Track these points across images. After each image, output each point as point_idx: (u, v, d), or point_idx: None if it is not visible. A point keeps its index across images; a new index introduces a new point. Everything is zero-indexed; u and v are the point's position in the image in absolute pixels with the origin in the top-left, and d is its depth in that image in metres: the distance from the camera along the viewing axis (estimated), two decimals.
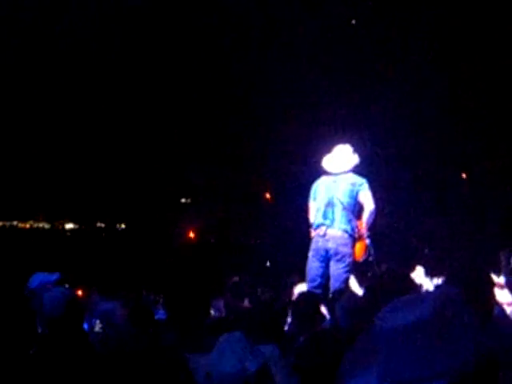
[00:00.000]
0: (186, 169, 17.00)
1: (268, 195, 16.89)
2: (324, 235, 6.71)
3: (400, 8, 11.57)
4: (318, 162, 7.18)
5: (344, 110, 12.96)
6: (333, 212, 6.72)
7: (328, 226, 6.69)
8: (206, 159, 16.11)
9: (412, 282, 2.87)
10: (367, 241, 6.81)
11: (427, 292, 1.74)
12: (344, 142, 7.31)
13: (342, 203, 6.67)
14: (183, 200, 20.94)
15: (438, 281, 7.21)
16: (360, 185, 6.78)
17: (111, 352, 3.67)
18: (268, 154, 15.14)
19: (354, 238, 6.72)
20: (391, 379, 1.64)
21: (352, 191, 6.73)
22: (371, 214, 6.78)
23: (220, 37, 12.47)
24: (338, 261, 6.66)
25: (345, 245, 6.67)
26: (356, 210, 6.80)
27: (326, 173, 7.03)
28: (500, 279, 8.72)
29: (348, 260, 6.66)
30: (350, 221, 6.67)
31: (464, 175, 14.53)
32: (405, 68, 11.98)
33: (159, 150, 16.40)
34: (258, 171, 15.84)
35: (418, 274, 7.37)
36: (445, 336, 1.58)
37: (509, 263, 8.69)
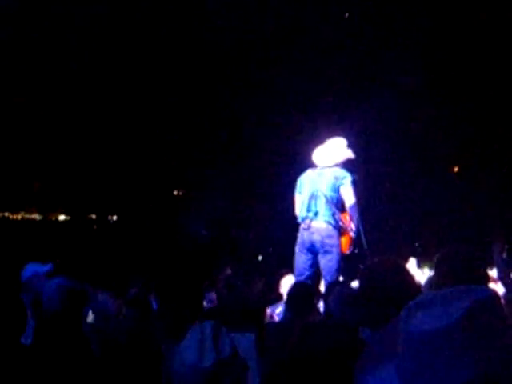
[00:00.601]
0: (181, 162, 16.99)
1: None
2: (308, 228, 6.79)
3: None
4: (309, 155, 7.23)
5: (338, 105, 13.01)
6: (316, 205, 6.81)
7: (312, 219, 6.78)
8: (203, 152, 16.07)
9: (408, 272, 2.87)
10: (352, 234, 6.87)
11: (457, 290, 1.65)
12: (339, 135, 7.36)
13: (325, 196, 6.77)
14: (175, 192, 20.91)
15: (430, 273, 7.27)
16: (342, 178, 6.85)
17: (103, 344, 3.66)
18: (261, 147, 15.14)
19: (339, 229, 6.78)
20: None
21: (334, 185, 6.82)
22: (351, 208, 6.83)
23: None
24: (326, 252, 6.72)
25: (330, 236, 6.74)
26: (339, 203, 6.86)
27: (313, 166, 7.10)
28: (493, 272, 8.78)
29: (335, 251, 6.72)
30: (333, 213, 6.75)
31: (456, 168, 14.58)
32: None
33: (152, 141, 16.36)
34: (252, 164, 15.82)
35: (411, 266, 7.42)
36: (474, 343, 1.51)
37: (501, 256, 8.76)
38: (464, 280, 3.26)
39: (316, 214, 6.79)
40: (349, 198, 6.83)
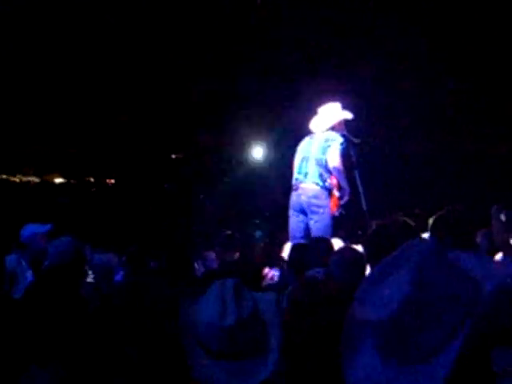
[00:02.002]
0: (179, 124, 16.89)
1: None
2: (297, 189, 6.89)
3: None
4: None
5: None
6: (306, 167, 6.89)
7: (301, 181, 6.85)
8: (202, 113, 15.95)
9: (419, 233, 2.84)
10: (337, 194, 6.90)
11: (403, 252, 1.62)
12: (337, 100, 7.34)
13: (314, 158, 6.82)
14: (173, 156, 20.83)
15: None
16: (332, 140, 6.88)
17: (102, 302, 3.64)
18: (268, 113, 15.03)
19: (328, 190, 6.80)
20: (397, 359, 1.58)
21: (324, 147, 6.88)
22: (334, 169, 6.85)
23: None
24: (312, 213, 6.79)
25: (316, 197, 6.79)
26: (328, 165, 6.88)
27: (310, 133, 7.16)
28: None
29: (322, 211, 6.75)
30: (320, 174, 6.79)
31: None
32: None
33: (149, 105, 16.24)
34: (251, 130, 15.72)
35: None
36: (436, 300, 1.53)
37: (499, 219, 8.70)
38: (462, 245, 3.21)
39: (305, 175, 6.90)
40: (332, 159, 6.87)
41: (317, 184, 6.77)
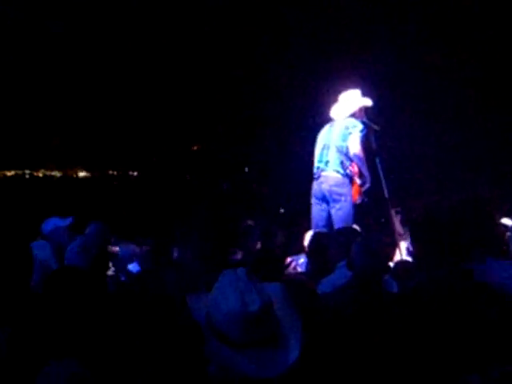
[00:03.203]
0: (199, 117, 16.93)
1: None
2: (318, 177, 6.85)
3: None
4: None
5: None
6: (327, 154, 6.84)
7: (323, 169, 6.81)
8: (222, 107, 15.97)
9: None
10: (358, 181, 6.85)
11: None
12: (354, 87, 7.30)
13: (335, 146, 6.78)
14: (195, 147, 20.88)
15: None
16: (352, 128, 6.83)
17: (121, 294, 3.66)
18: (282, 105, 14.99)
19: (350, 178, 6.76)
20: None
21: (345, 134, 6.83)
22: (355, 156, 6.79)
23: None
24: (334, 201, 6.75)
25: (338, 185, 6.75)
26: (349, 152, 6.83)
27: (331, 120, 7.12)
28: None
29: (344, 199, 6.72)
30: (341, 162, 6.74)
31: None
32: None
33: (171, 96, 16.28)
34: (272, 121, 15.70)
35: None
36: None
37: None
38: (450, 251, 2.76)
39: (326, 163, 6.84)
40: (353, 146, 6.80)
41: (338, 172, 6.74)
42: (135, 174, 21.93)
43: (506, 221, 8.32)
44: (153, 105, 16.64)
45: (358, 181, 6.87)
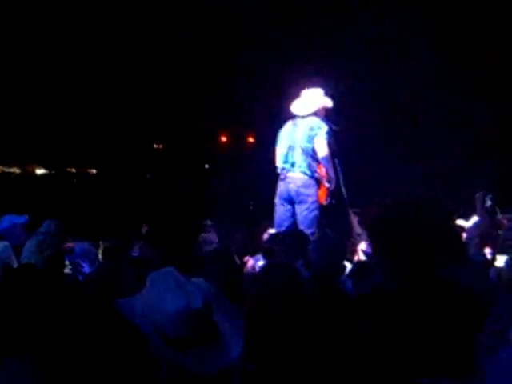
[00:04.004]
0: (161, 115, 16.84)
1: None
2: (285, 178, 6.87)
3: None
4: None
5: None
6: (292, 156, 6.86)
7: (288, 170, 6.84)
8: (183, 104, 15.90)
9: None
10: (326, 185, 6.89)
11: None
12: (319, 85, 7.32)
13: (300, 147, 6.81)
14: (155, 146, 20.76)
15: None
16: (317, 129, 6.85)
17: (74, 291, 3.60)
18: (248, 98, 14.99)
19: (316, 179, 6.80)
20: None
21: (310, 136, 6.85)
22: (323, 159, 6.84)
23: None
24: (300, 202, 6.80)
25: (305, 186, 6.79)
26: (316, 153, 6.86)
27: (293, 117, 7.11)
28: (474, 219, 8.92)
29: (310, 200, 6.77)
30: (308, 164, 6.79)
31: None
32: None
33: (131, 93, 16.16)
34: (238, 115, 15.69)
35: None
36: None
37: (484, 204, 8.77)
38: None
39: (292, 164, 6.86)
40: (321, 148, 6.83)
41: (305, 173, 6.76)
42: (94, 171, 21.73)
43: (461, 222, 8.50)
44: (113, 103, 16.50)
45: (326, 184, 6.90)
